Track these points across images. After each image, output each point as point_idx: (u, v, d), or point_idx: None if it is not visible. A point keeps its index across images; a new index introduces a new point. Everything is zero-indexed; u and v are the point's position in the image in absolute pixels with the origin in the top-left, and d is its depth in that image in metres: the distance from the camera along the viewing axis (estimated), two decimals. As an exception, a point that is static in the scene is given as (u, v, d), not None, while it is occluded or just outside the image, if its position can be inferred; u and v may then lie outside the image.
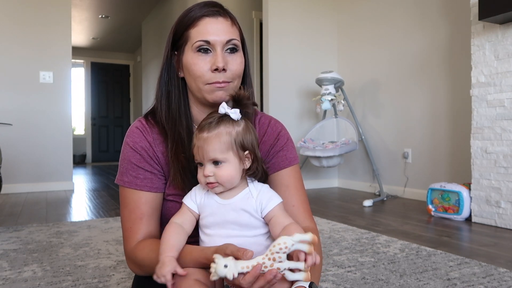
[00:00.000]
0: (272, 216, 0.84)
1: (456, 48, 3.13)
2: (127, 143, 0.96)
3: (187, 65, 0.93)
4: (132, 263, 0.95)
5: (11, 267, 1.68)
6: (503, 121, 2.39)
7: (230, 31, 0.93)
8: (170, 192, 0.96)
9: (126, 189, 0.95)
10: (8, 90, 4.11)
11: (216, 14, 0.92)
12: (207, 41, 0.90)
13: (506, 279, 1.50)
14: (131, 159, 0.95)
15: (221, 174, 0.83)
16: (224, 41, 0.91)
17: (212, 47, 0.91)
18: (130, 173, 0.94)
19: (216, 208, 0.85)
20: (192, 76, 0.92)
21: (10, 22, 4.13)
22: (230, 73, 0.91)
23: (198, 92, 0.94)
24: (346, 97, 3.76)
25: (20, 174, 4.15)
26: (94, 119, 9.43)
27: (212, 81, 0.90)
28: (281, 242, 0.71)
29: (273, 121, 1.05)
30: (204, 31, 0.90)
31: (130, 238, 0.94)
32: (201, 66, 0.90)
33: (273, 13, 4.09)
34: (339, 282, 1.47)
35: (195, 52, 0.91)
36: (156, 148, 0.96)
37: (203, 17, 0.91)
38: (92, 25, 7.83)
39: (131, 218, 0.94)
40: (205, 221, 0.86)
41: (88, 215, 2.91)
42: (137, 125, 0.98)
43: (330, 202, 3.37)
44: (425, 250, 1.89)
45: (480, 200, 2.50)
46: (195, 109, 0.99)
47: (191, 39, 0.92)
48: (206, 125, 0.85)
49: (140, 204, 0.94)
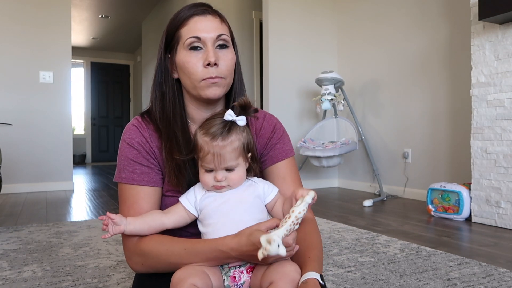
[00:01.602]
0: (278, 198, 0.93)
1: (456, 48, 3.13)
2: (124, 140, 0.98)
3: (181, 63, 0.95)
4: (137, 257, 0.92)
5: (11, 267, 1.68)
6: (503, 121, 2.39)
7: (219, 27, 0.95)
8: (169, 187, 0.96)
9: (124, 185, 0.96)
10: (8, 90, 4.11)
11: (205, 13, 0.95)
12: (197, 37, 0.93)
13: (506, 279, 1.50)
14: (128, 155, 0.96)
15: (233, 178, 0.88)
16: (214, 37, 0.93)
17: (203, 43, 0.93)
18: (128, 169, 0.95)
19: (219, 197, 0.89)
20: (186, 74, 0.94)
21: (10, 22, 4.13)
22: (222, 68, 0.94)
23: (193, 90, 0.95)
24: (346, 97, 3.76)
25: (20, 174, 4.15)
26: (94, 119, 9.43)
27: (205, 76, 0.92)
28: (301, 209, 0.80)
29: (267, 115, 1.08)
30: (194, 28, 0.93)
31: (129, 236, 0.93)
32: (194, 63, 0.93)
33: (273, 13, 4.09)
34: (339, 282, 1.47)
35: (187, 50, 0.93)
36: (152, 143, 0.97)
37: (192, 16, 0.95)
38: (92, 25, 7.83)
39: (129, 213, 0.93)
40: (210, 211, 0.89)
41: (88, 215, 2.91)
42: (133, 123, 1.00)
43: (330, 202, 3.37)
44: (425, 250, 1.89)
45: (480, 200, 2.50)
46: (191, 107, 1.00)
47: (182, 37, 0.94)
48: (218, 133, 0.87)
49: (138, 199, 0.94)
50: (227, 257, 0.83)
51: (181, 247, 0.87)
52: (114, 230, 0.86)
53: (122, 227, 0.87)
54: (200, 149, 0.87)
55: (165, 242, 0.89)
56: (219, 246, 0.83)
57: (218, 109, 1.01)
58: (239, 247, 0.80)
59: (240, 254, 0.81)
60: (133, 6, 6.86)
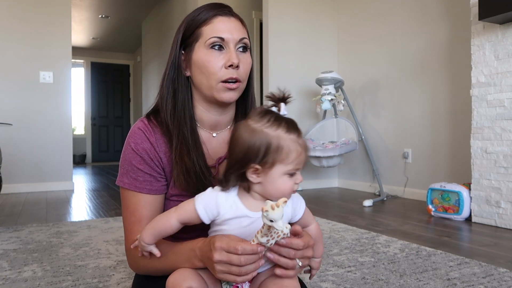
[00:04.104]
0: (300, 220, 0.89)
1: (456, 48, 3.13)
2: (129, 144, 0.95)
3: (199, 62, 0.93)
4: (131, 260, 0.96)
5: (11, 267, 1.68)
6: (503, 121, 2.39)
7: (242, 30, 0.95)
8: (174, 192, 0.95)
9: (126, 190, 0.95)
10: (8, 90, 4.11)
11: (229, 14, 0.95)
12: (221, 37, 0.91)
13: (506, 279, 1.50)
14: (132, 161, 0.94)
15: (301, 178, 0.81)
16: (237, 39, 0.93)
17: (226, 44, 0.92)
18: (130, 175, 0.94)
19: (247, 225, 0.80)
20: (205, 73, 0.92)
21: (10, 22, 4.13)
22: (241, 71, 0.93)
23: (208, 90, 0.93)
24: (346, 97, 3.76)
25: (20, 174, 4.15)
26: (94, 119, 9.44)
27: (226, 77, 0.91)
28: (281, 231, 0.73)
29: None
30: (218, 28, 0.92)
31: (129, 240, 0.94)
32: (214, 62, 0.91)
33: (273, 13, 4.09)
34: (339, 282, 1.47)
35: (208, 48, 0.92)
36: (158, 149, 0.95)
37: (216, 15, 0.93)
38: (92, 25, 7.83)
39: (131, 220, 0.94)
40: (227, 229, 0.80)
41: (88, 215, 2.91)
42: (139, 126, 0.97)
43: (330, 202, 3.37)
44: (425, 250, 1.89)
45: (480, 200, 2.50)
46: (199, 108, 0.98)
47: (204, 36, 0.92)
48: (298, 129, 0.79)
49: (139, 206, 0.94)
50: (195, 256, 0.81)
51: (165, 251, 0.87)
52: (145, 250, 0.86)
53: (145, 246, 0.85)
54: (289, 150, 0.76)
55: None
56: (193, 245, 0.82)
57: (230, 112, 1.00)
58: (203, 246, 0.79)
59: (201, 255, 0.79)
60: (133, 6, 6.86)
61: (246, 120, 0.80)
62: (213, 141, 1.00)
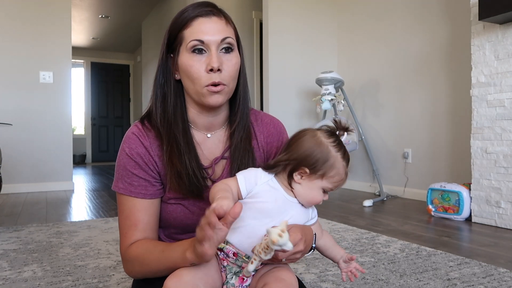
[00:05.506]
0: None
1: (456, 48, 3.13)
2: (123, 149, 0.95)
3: (183, 66, 0.91)
4: (126, 263, 0.95)
5: (11, 267, 1.68)
6: (503, 121, 2.39)
7: (224, 29, 0.91)
8: (171, 195, 0.95)
9: (121, 195, 0.95)
10: (8, 90, 4.11)
11: (210, 14, 0.91)
12: (201, 40, 0.88)
13: (506, 279, 1.50)
14: (126, 165, 0.94)
15: (327, 198, 0.92)
16: (219, 40, 0.89)
17: (207, 47, 0.89)
18: (125, 180, 0.94)
19: (281, 201, 0.86)
20: (189, 78, 0.91)
21: (10, 22, 4.13)
22: (225, 74, 0.90)
23: (195, 95, 0.92)
24: (346, 97, 3.76)
25: (20, 174, 4.15)
26: (94, 119, 9.44)
27: (208, 82, 0.89)
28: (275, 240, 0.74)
29: (274, 120, 1.06)
30: (198, 31, 0.89)
31: (124, 244, 0.94)
32: (197, 67, 0.89)
33: (273, 13, 4.09)
34: (339, 282, 1.47)
35: (190, 52, 0.90)
36: (153, 153, 0.94)
37: (196, 17, 0.90)
38: (92, 25, 7.83)
39: (126, 224, 0.94)
40: (258, 206, 0.84)
41: (88, 215, 2.91)
42: (133, 131, 0.96)
43: (330, 202, 3.37)
44: (425, 250, 1.89)
45: (480, 200, 2.50)
46: (192, 111, 0.97)
47: (185, 39, 0.90)
48: (348, 161, 0.90)
49: (134, 211, 0.93)
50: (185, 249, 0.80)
51: (159, 249, 0.86)
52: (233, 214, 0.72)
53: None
54: (337, 172, 0.87)
55: (150, 250, 0.88)
56: (183, 241, 0.82)
57: (223, 113, 0.99)
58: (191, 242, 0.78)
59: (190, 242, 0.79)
60: (133, 6, 6.86)
61: (317, 130, 0.90)
62: (208, 141, 0.99)
